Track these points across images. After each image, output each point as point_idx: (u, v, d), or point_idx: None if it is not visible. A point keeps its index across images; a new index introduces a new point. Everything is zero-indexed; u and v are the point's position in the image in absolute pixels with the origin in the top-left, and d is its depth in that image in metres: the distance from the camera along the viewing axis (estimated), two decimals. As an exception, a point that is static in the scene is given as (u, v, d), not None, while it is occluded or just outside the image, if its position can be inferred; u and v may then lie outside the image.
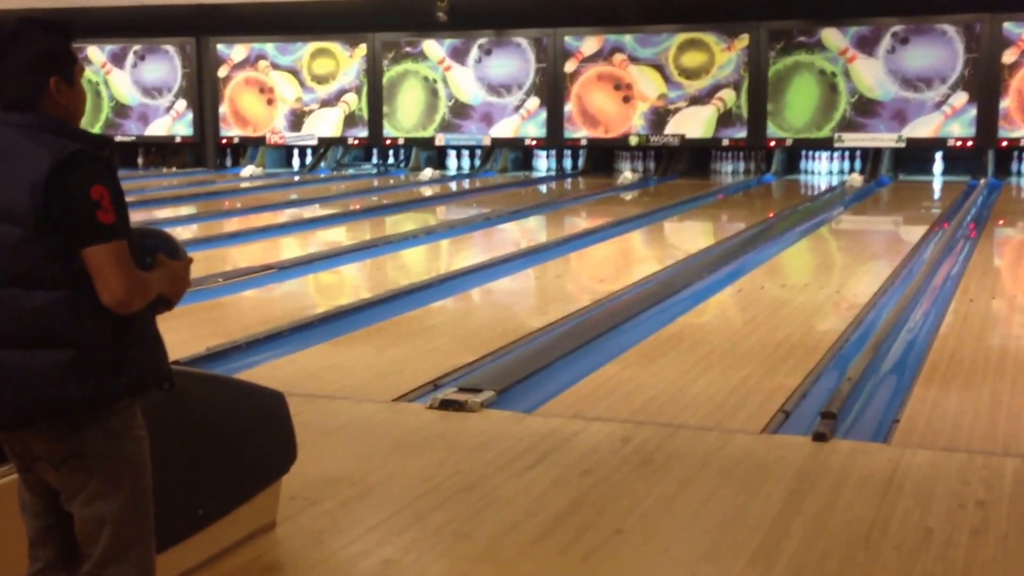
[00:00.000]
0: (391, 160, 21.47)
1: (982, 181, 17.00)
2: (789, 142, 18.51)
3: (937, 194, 16.48)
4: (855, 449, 4.58)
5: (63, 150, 2.37)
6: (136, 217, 12.68)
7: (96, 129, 21.97)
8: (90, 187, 2.36)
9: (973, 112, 17.39)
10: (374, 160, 21.57)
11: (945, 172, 18.19)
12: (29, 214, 2.35)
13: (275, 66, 21.18)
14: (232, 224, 13.42)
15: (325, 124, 20.99)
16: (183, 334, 6.76)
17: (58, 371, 2.38)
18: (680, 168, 19.27)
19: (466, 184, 18.70)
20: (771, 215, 13.85)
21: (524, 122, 19.66)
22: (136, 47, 21.77)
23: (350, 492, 4.10)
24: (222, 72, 21.52)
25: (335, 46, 20.84)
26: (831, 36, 18.04)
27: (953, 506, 3.92)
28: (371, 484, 4.20)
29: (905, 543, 3.61)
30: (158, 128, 21.93)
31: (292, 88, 21.12)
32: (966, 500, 3.97)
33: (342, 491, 4.11)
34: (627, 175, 19.17)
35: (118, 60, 21.96)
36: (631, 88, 19.09)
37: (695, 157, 19.42)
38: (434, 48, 20.17)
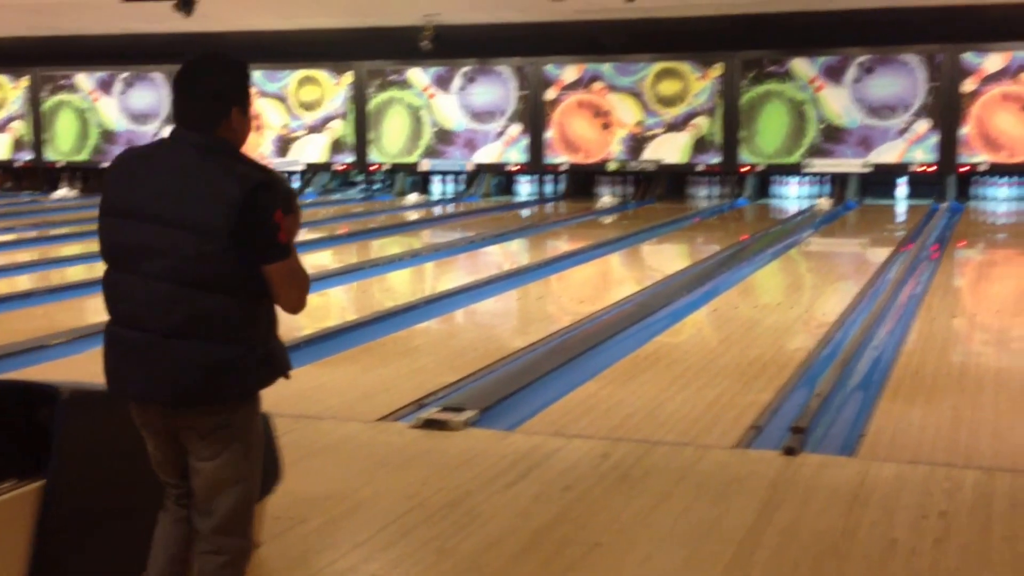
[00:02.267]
0: (377, 185, 21.66)
1: (943, 205, 17.38)
2: (761, 167, 18.81)
3: (901, 217, 16.77)
4: (823, 462, 4.74)
5: (251, 179, 2.71)
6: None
7: (83, 155, 22.12)
8: (273, 212, 2.70)
9: (935, 139, 17.79)
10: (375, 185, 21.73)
11: (908, 196, 18.56)
12: (221, 231, 2.67)
13: (262, 93, 21.35)
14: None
15: (312, 150, 21.17)
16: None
17: (234, 362, 2.77)
18: (657, 192, 19.52)
19: (450, 208, 18.87)
20: (744, 237, 14.08)
21: (506, 148, 19.90)
22: (124, 74, 21.89)
23: (336, 510, 4.20)
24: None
25: (322, 74, 21.05)
26: (800, 66, 18.39)
27: (917, 517, 4.08)
28: (356, 502, 4.31)
29: (871, 553, 3.77)
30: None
31: (279, 114, 21.30)
32: (929, 511, 4.14)
33: (328, 509, 4.21)
34: (606, 199, 19.43)
35: (106, 87, 22.06)
36: (610, 115, 19.36)
37: (672, 182, 19.68)
38: (419, 76, 20.39)
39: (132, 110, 21.98)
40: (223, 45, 20.04)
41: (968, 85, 17.61)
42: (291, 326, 8.33)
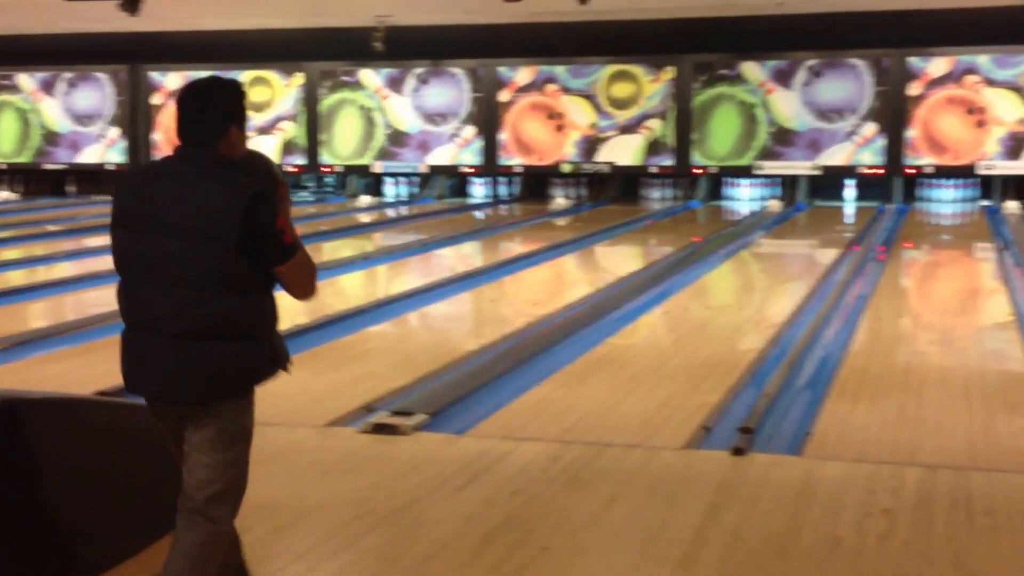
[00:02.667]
0: (328, 188, 21.59)
1: (890, 207, 17.61)
2: (713, 170, 18.94)
3: (849, 219, 16.96)
4: (771, 462, 4.79)
5: (250, 190, 2.94)
6: (66, 246, 12.59)
7: (24, 157, 21.82)
8: (275, 220, 2.95)
9: (882, 141, 18.00)
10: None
11: (856, 198, 18.79)
12: (232, 238, 2.89)
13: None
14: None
15: (262, 151, 21.01)
16: (109, 365, 6.79)
17: (245, 358, 3.02)
18: (611, 194, 19.58)
19: (403, 211, 18.84)
20: (696, 239, 14.17)
21: (460, 150, 19.88)
22: (68, 74, 21.63)
23: (281, 518, 4.16)
24: (156, 100, 21.46)
25: (272, 74, 20.92)
26: (751, 69, 18.53)
27: (861, 514, 4.13)
28: (303, 510, 4.27)
29: (816, 551, 3.81)
30: (90, 156, 21.77)
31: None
32: (873, 508, 4.19)
33: (274, 518, 4.16)
34: (560, 201, 19.47)
35: (48, 87, 21.78)
36: (563, 117, 19.40)
37: (625, 184, 19.76)
38: (371, 77, 20.32)
39: (76, 111, 21.68)
40: (170, 44, 19.93)
41: (914, 89, 17.83)
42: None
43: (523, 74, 19.56)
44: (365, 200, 19.92)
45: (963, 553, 3.77)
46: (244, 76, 20.91)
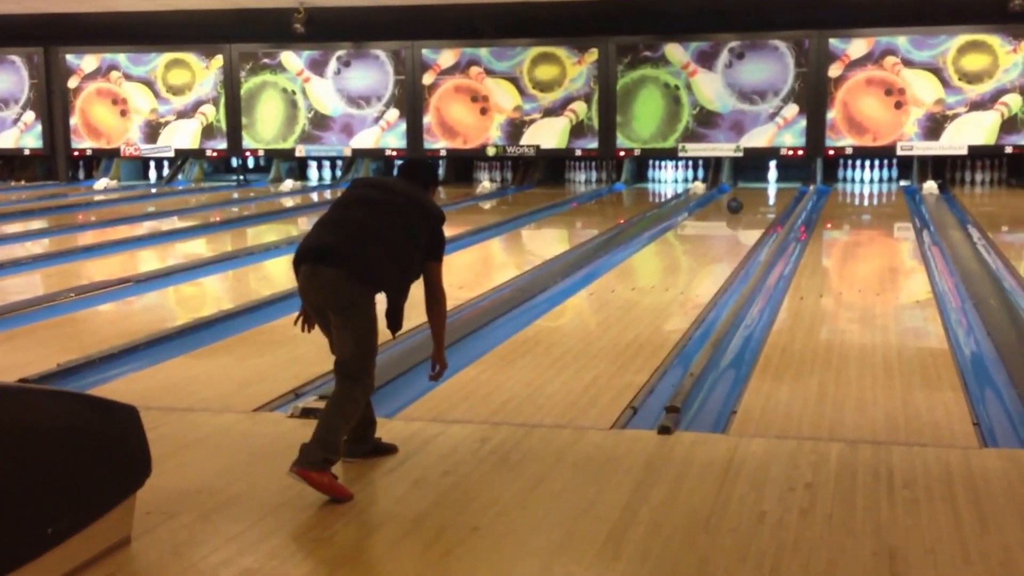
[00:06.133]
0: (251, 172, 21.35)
1: (811, 187, 17.90)
2: (637, 152, 19.07)
3: (771, 200, 17.20)
4: (697, 440, 4.86)
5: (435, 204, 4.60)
6: (-16, 233, 11.94)
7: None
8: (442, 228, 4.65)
9: (803, 123, 18.29)
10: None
11: (778, 179, 19.06)
12: (423, 237, 4.52)
13: (128, 77, 20.81)
14: (87, 238, 13.14)
15: (182, 136, 20.72)
16: (35, 351, 6.69)
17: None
18: (536, 177, 19.64)
19: (328, 195, 18.69)
20: (621, 221, 14.27)
21: (384, 133, 19.78)
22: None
23: (210, 503, 4.14)
24: (72, 83, 21.01)
25: (190, 57, 20.59)
26: (674, 51, 18.69)
27: (784, 489, 4.21)
28: (231, 495, 4.25)
29: (741, 525, 3.87)
30: (5, 140, 21.30)
31: (147, 99, 20.79)
32: (796, 483, 4.27)
33: (201, 503, 4.15)
34: (485, 184, 19.47)
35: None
36: (488, 100, 19.39)
37: (550, 167, 19.83)
38: (292, 59, 20.11)
39: (-11, 94, 21.25)
40: (85, 26, 19.53)
41: (834, 70, 18.12)
42: (162, 317, 8.22)
43: (446, 56, 19.51)
44: (289, 184, 19.73)
45: (884, 525, 3.86)
46: (162, 59, 20.60)
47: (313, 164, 20.82)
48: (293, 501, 4.16)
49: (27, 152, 21.35)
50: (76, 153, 21.29)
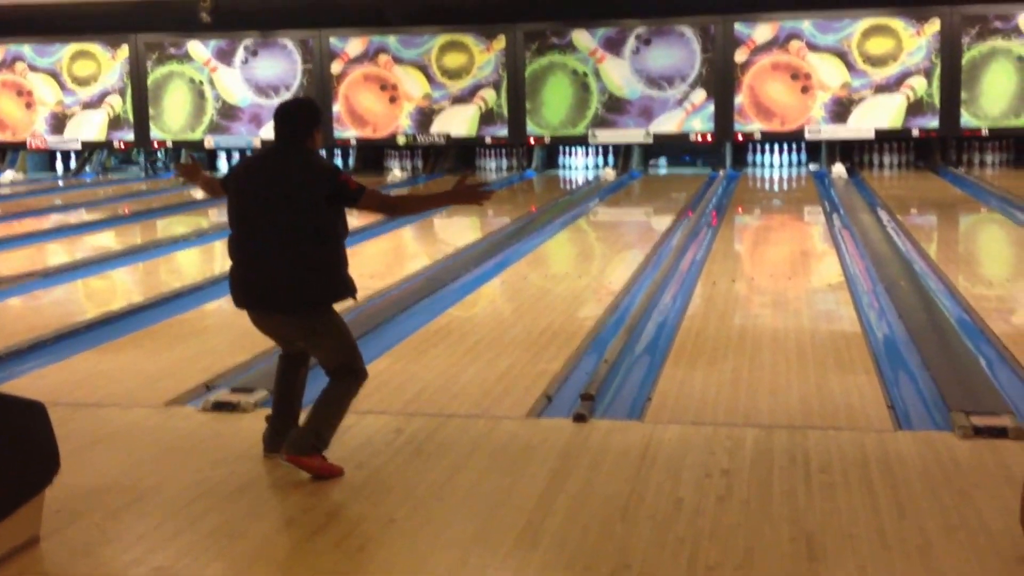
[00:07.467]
0: (159, 163, 20.93)
1: (721, 172, 18.11)
2: (547, 139, 19.10)
3: (682, 186, 17.36)
4: (612, 427, 4.86)
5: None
6: None
7: None
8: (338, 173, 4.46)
9: (711, 108, 18.46)
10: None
11: (687, 165, 19.25)
12: (322, 203, 4.35)
13: (33, 68, 20.28)
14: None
15: (89, 127, 20.24)
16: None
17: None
18: (447, 166, 19.55)
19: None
20: (533, 209, 14.28)
21: (291, 122, 19.50)
22: None
23: (120, 501, 4.05)
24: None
25: (96, 47, 20.11)
26: (581, 37, 18.72)
27: (701, 476, 4.23)
28: (142, 491, 4.16)
29: (659, 513, 3.88)
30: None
31: (52, 90, 20.30)
32: (712, 470, 4.29)
33: (111, 500, 4.05)
34: (396, 173, 19.35)
35: None
36: (396, 88, 19.24)
37: (460, 155, 19.76)
38: (199, 49, 19.74)
39: None
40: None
41: (740, 55, 18.32)
42: (70, 311, 8.00)
43: (354, 45, 19.31)
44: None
45: (801, 510, 3.89)
46: (67, 50, 20.09)
47: (222, 155, 20.47)
48: (204, 496, 4.08)
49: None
50: (-20, 145, 20.75)
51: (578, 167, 19.40)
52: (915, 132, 18.06)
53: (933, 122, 17.91)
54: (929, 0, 17.67)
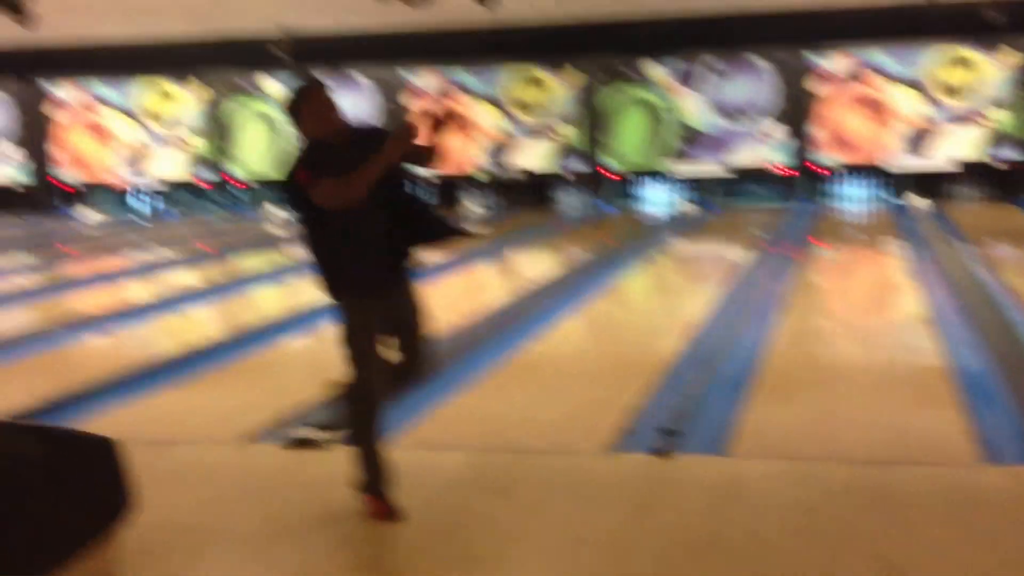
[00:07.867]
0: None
1: (800, 205, 17.82)
2: (624, 173, 19.06)
3: (760, 219, 17.14)
4: (693, 462, 4.75)
5: None
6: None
7: None
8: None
9: (788, 141, 18.21)
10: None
11: (766, 198, 19.03)
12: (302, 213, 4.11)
13: (110, 105, 20.87)
14: (72, 270, 13.04)
15: (168, 165, 20.77)
16: (15, 385, 6.57)
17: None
18: (523, 200, 19.58)
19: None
20: (611, 242, 14.20)
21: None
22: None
23: (200, 540, 4.05)
24: (59, 115, 21.07)
25: (172, 86, 20.68)
26: (655, 71, 18.68)
27: (784, 511, 4.13)
28: (222, 530, 4.16)
29: (743, 550, 3.80)
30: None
31: (130, 129, 20.88)
32: (797, 506, 4.18)
33: (191, 539, 4.05)
34: (473, 209, 19.43)
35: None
36: (473, 124, 19.43)
37: (537, 189, 19.78)
38: (274, 86, 20.20)
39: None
40: (66, 57, 19.42)
41: (818, 87, 18.11)
42: (150, 348, 8.10)
43: (426, 78, 19.51)
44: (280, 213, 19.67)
45: (885, 546, 3.78)
46: (143, 87, 20.61)
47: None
48: (284, 535, 4.07)
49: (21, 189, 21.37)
50: (63, 187, 21.33)
51: (655, 201, 19.30)
52: (997, 163, 17.72)
53: (1015, 153, 17.57)
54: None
